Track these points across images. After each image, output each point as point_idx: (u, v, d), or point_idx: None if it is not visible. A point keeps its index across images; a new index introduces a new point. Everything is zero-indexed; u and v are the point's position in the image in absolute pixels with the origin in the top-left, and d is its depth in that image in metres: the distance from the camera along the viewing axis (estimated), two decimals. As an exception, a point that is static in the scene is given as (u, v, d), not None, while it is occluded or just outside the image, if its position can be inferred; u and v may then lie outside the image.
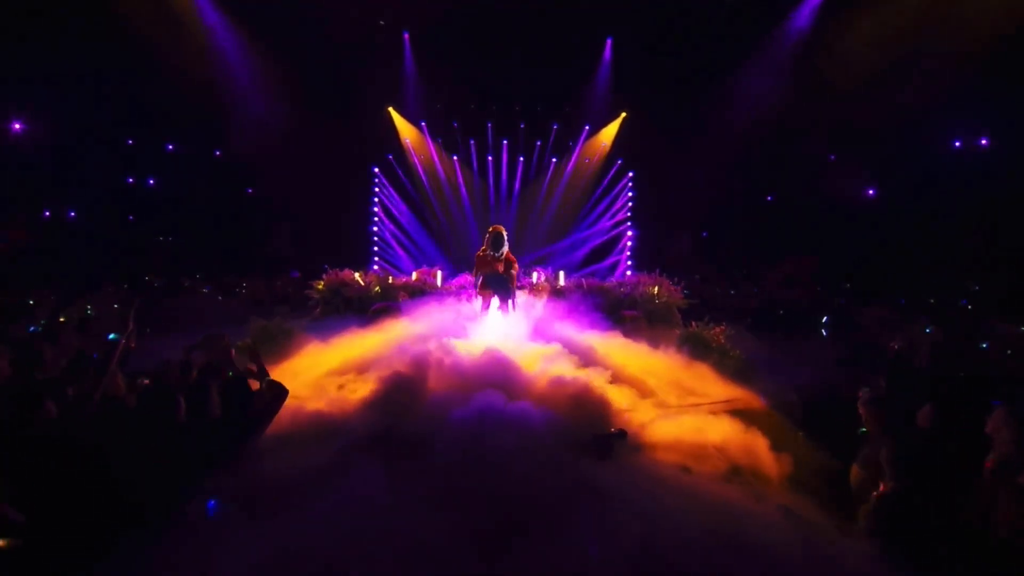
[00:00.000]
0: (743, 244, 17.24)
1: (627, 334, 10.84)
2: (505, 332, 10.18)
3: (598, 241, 19.04)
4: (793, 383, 7.34)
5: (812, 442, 6.22)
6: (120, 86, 14.70)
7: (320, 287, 12.45)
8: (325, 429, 5.69)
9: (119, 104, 15.00)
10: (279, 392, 5.62)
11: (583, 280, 14.24)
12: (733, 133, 16.80)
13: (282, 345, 8.79)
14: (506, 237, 10.18)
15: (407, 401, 6.02)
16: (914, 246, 13.62)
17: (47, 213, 15.13)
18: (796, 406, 6.78)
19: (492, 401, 5.81)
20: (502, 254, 10.13)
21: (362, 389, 6.75)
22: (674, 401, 7.19)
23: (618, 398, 7.01)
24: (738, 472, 5.54)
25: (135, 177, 16.28)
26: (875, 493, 4.59)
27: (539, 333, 10.28)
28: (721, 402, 6.82)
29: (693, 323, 9.35)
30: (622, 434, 5.91)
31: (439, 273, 14.46)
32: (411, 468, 5.09)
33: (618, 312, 11.97)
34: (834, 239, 15.19)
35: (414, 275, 14.51)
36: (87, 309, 9.50)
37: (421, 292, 13.71)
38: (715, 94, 16.72)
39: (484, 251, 10.19)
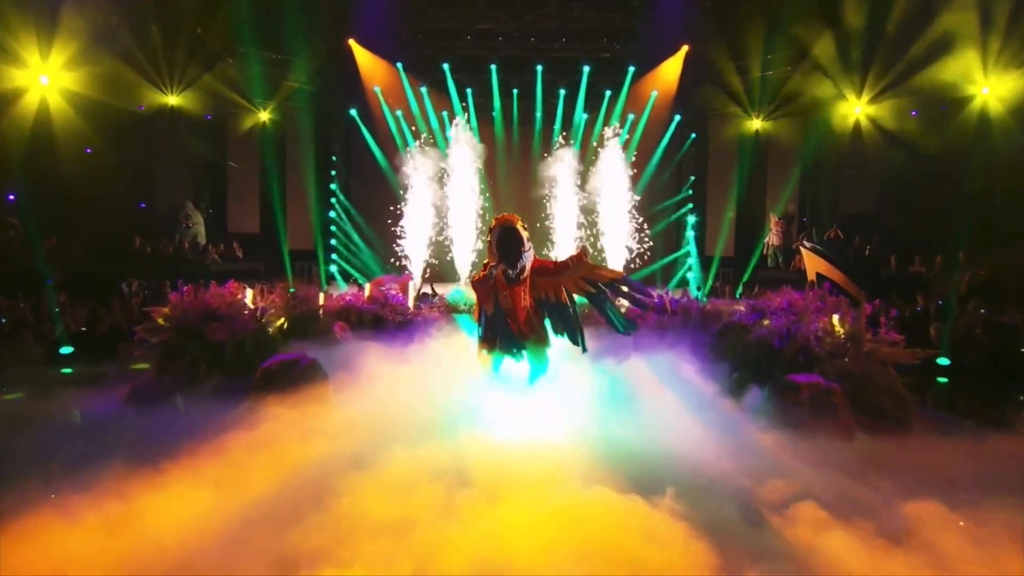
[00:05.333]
0: (881, 233, 10.56)
1: (807, 429, 4.49)
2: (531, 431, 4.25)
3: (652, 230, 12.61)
4: None
5: None
6: None
7: (163, 320, 5.76)
8: None
9: None
10: None
11: (665, 295, 7.63)
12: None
13: None
14: (526, 237, 4.74)
15: None
16: None
17: None
18: None
19: None
20: (521, 270, 4.72)
21: None
22: None
23: None
24: None
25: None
26: None
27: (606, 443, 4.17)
28: None
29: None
30: None
31: (412, 285, 7.90)
32: None
33: (774, 377, 5.34)
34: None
35: (367, 289, 7.90)
36: None
37: (376, 321, 7.16)
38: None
39: (487, 266, 4.84)
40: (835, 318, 5.94)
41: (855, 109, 11.04)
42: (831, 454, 4.20)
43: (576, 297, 5.00)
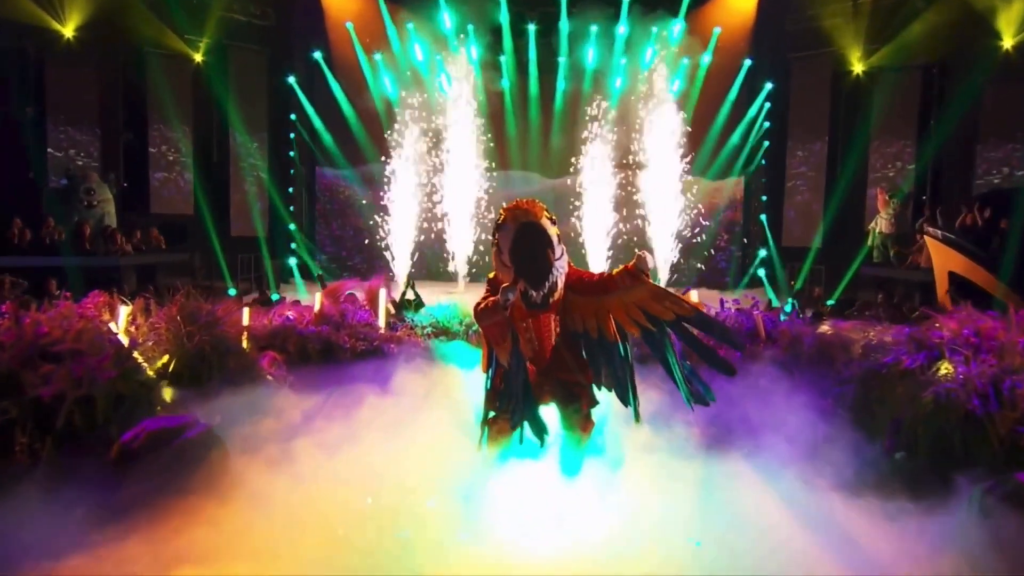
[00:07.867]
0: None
1: None
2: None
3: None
4: None
5: None
6: None
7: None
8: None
9: None
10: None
11: (756, 310, 6.03)
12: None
13: None
14: (557, 236, 3.31)
15: None
16: None
17: None
18: None
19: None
20: (552, 289, 3.32)
21: None
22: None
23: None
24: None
25: None
26: None
27: None
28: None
29: None
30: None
31: (382, 293, 6.57)
32: None
33: (977, 465, 3.85)
34: None
35: (317, 299, 6.40)
36: None
37: (327, 351, 5.61)
38: None
39: (492, 281, 3.43)
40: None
41: (1004, 46, 9.18)
42: None
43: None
